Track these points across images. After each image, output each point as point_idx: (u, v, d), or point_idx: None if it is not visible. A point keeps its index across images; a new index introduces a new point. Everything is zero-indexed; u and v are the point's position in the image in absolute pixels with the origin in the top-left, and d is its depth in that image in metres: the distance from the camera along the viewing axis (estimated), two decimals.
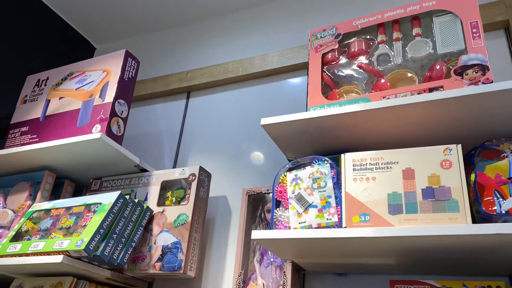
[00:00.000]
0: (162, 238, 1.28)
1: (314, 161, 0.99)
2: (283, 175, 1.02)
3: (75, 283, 1.19)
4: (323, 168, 0.95)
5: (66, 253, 1.12)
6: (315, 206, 0.92)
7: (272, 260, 1.16)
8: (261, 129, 1.46)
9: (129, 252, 1.23)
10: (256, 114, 1.52)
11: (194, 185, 1.32)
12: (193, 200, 1.29)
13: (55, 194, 1.46)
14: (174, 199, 1.36)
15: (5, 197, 1.44)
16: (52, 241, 1.17)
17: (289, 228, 0.94)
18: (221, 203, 1.42)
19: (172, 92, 1.73)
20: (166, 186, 1.38)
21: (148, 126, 1.71)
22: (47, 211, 1.30)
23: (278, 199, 1.00)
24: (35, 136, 1.44)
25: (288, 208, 0.96)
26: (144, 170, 1.44)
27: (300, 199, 0.94)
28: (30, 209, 1.34)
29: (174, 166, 1.57)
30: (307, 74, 1.49)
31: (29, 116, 1.50)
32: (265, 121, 1.05)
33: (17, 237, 1.25)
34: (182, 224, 1.27)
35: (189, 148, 1.59)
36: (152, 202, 1.35)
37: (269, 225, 1.23)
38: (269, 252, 1.18)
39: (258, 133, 1.47)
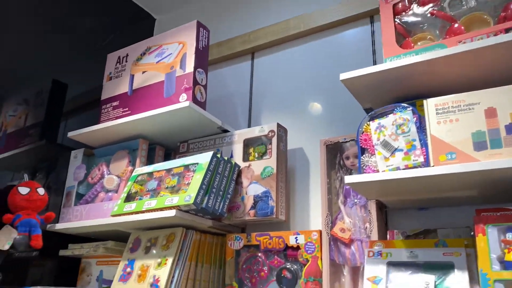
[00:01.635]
0: (252, 189, 1.44)
1: (395, 109, 1.07)
2: (365, 124, 1.12)
3: (185, 233, 1.38)
4: (405, 115, 1.04)
5: (177, 207, 1.30)
6: (401, 150, 1.02)
7: (356, 200, 1.29)
8: (329, 81, 1.54)
9: (226, 203, 1.40)
10: (322, 66, 1.60)
11: (274, 140, 1.45)
12: (275, 153, 1.43)
13: (149, 158, 1.64)
14: (256, 155, 1.50)
15: (108, 165, 1.64)
16: (162, 198, 1.35)
17: (377, 171, 1.05)
18: (298, 154, 1.55)
19: (237, 55, 1.83)
20: (248, 143, 1.52)
21: (219, 90, 1.83)
22: (150, 174, 1.49)
23: (363, 146, 1.10)
24: (127, 109, 1.60)
25: (374, 154, 1.07)
26: (226, 131, 1.58)
27: (385, 145, 1.04)
28: (134, 174, 1.53)
29: (249, 125, 1.70)
30: (370, 23, 1.54)
31: (117, 91, 1.66)
32: (344, 76, 1.13)
33: (129, 198, 1.45)
34: (269, 176, 1.42)
35: (261, 107, 1.71)
36: (237, 159, 1.50)
37: (348, 171, 1.35)
38: (352, 194, 1.31)
39: (327, 85, 1.55)
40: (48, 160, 1.85)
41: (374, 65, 1.35)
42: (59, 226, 1.54)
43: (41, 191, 1.52)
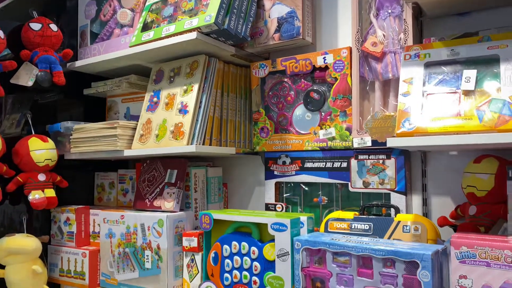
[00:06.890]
0: (275, 11, 1.34)
1: None
2: None
3: (208, 60, 1.33)
4: None
5: (198, 29, 1.23)
6: None
7: (389, 11, 1.19)
8: None
9: (249, 26, 1.31)
10: None
11: None
12: None
13: None
14: None
15: None
16: (181, 22, 1.27)
17: None
18: None
19: None
20: None
21: None
22: (164, 1, 1.38)
23: None
24: None
25: None
26: None
27: None
28: (147, 3, 1.43)
29: None
30: None
31: None
32: None
33: (145, 28, 1.37)
34: None
35: None
36: None
37: None
38: (385, 4, 1.20)
39: None
40: (55, 2, 1.73)
41: None
42: (79, 63, 1.51)
43: (53, 27, 1.45)
